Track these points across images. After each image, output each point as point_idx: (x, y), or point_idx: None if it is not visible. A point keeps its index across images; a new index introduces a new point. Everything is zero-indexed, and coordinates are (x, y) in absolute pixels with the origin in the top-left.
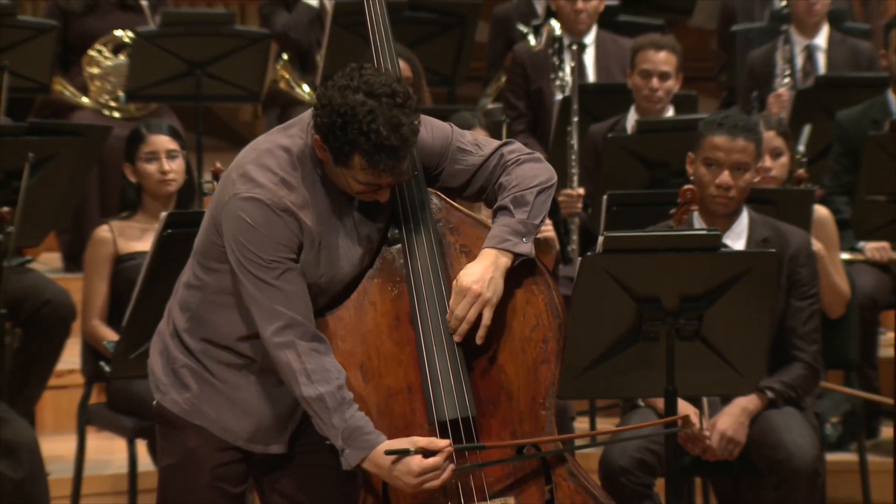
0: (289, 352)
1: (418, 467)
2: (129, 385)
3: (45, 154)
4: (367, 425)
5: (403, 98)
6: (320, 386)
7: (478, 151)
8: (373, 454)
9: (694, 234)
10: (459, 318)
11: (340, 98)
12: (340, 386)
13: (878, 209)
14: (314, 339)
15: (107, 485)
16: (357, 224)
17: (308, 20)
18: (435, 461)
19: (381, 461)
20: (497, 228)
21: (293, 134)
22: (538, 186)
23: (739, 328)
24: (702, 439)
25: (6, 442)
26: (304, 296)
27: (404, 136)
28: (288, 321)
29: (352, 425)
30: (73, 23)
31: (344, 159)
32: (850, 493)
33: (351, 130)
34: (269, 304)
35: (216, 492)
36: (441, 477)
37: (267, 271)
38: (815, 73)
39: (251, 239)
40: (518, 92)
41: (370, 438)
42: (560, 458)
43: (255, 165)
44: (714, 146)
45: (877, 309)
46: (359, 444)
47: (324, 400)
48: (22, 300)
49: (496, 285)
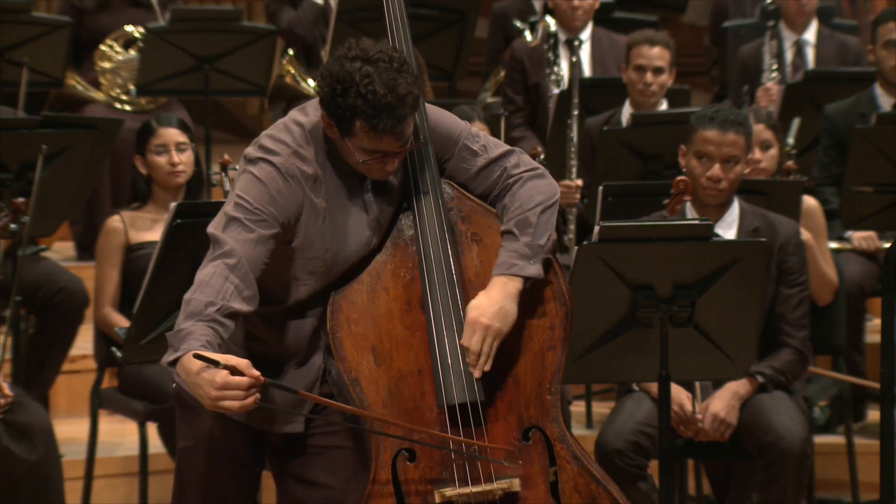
0: (208, 268)
1: (222, 380)
2: (140, 370)
3: (59, 146)
4: (201, 337)
5: (400, 62)
6: (197, 294)
7: (483, 154)
8: (185, 357)
9: (686, 224)
10: (476, 353)
11: (339, 67)
12: (212, 303)
13: (865, 199)
14: (242, 279)
15: (118, 466)
16: (367, 205)
17: (313, 16)
18: (239, 380)
19: (190, 365)
20: (504, 255)
21: (308, 112)
22: (541, 206)
23: (731, 315)
24: (694, 422)
25: (21, 425)
26: (260, 248)
27: (401, 95)
28: (229, 250)
29: (188, 330)
30: (86, 19)
31: (347, 126)
32: (837, 474)
33: (350, 95)
34: (223, 236)
35: (232, 473)
36: (241, 401)
37: (246, 213)
38: (804, 67)
39: (251, 189)
40: (516, 86)
41: (193, 343)
42: (563, 441)
43: (270, 138)
44: (705, 140)
45: (863, 296)
46: (179, 346)
47: (189, 304)
48: (36, 288)
49: (506, 314)
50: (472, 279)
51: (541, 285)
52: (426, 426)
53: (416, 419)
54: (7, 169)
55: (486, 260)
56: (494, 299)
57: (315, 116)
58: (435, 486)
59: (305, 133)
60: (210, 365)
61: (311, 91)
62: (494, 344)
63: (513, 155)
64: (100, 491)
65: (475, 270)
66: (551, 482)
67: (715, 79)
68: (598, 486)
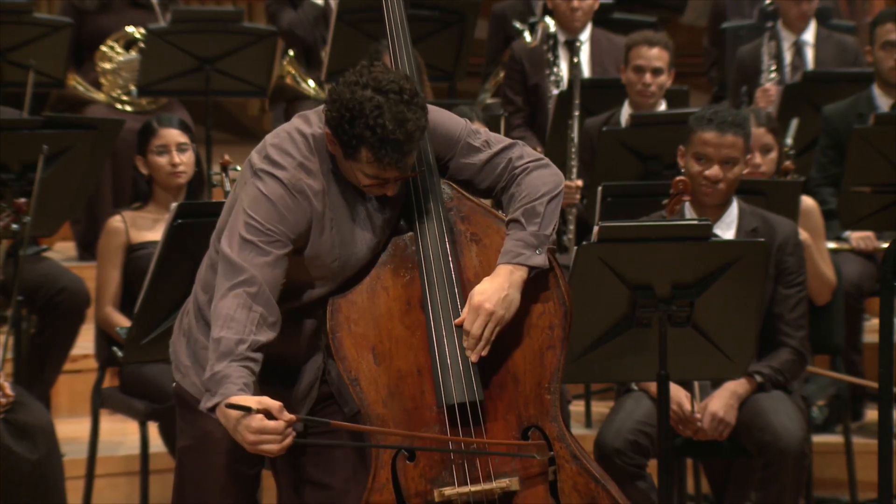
0: (230, 300)
1: (257, 426)
2: (140, 369)
3: (60, 147)
4: (238, 380)
5: (411, 95)
6: (225, 331)
7: (486, 149)
8: (223, 403)
9: (685, 224)
10: (476, 338)
11: (349, 94)
12: (243, 341)
13: (863, 200)
14: (265, 305)
15: (119, 465)
16: (371, 213)
17: (313, 17)
18: (274, 425)
19: (228, 412)
20: (510, 243)
21: (312, 122)
22: (548, 196)
23: (729, 315)
24: (693, 421)
25: (23, 424)
26: (278, 272)
27: (409, 132)
28: (249, 277)
29: (224, 373)
30: (87, 20)
31: (352, 152)
32: (835, 473)
33: (358, 125)
34: (239, 261)
35: (231, 472)
36: (280, 443)
37: (259, 234)
38: (803, 67)
39: (259, 208)
40: (516, 87)
41: (228, 389)
42: (563, 440)
43: (276, 149)
44: (704, 141)
45: (861, 296)
46: (217, 391)
47: (219, 343)
48: (38, 287)
49: (510, 302)
50: (471, 279)
51: (541, 285)
52: (426, 425)
53: (415, 418)
54: (9, 169)
55: (485, 260)
56: (500, 286)
57: (318, 127)
58: (434, 485)
59: (310, 144)
60: (245, 412)
61: (311, 92)
62: (496, 331)
63: (516, 147)
64: (101, 490)
65: (474, 270)
66: (550, 481)
67: (713, 79)
68: (598, 485)
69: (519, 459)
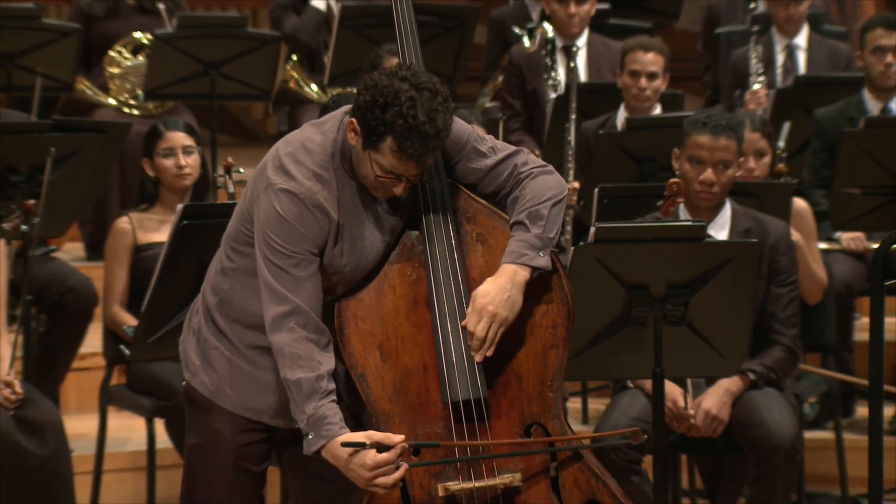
0: (284, 335)
1: (372, 461)
2: (147, 367)
3: (69, 150)
4: (334, 417)
5: (444, 98)
6: (300, 371)
7: (492, 155)
8: (331, 444)
9: (680, 225)
10: (480, 340)
11: (387, 81)
12: (321, 376)
13: (854, 201)
14: (315, 330)
15: (127, 461)
16: (382, 216)
17: (316, 23)
18: (388, 457)
19: (339, 452)
20: (514, 244)
21: (326, 130)
22: (552, 200)
23: (723, 313)
24: (687, 418)
25: (32, 421)
26: (316, 287)
27: (438, 128)
28: (294, 308)
29: (319, 414)
30: (96, 26)
31: (375, 140)
32: (826, 469)
33: (390, 111)
34: (280, 289)
35: (239, 470)
36: (395, 474)
37: (286, 259)
38: (795, 71)
39: (278, 229)
40: (514, 91)
41: (332, 429)
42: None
43: (290, 159)
44: (698, 145)
45: (852, 295)
46: (320, 432)
47: (301, 385)
48: (47, 287)
49: (513, 302)
50: (476, 278)
51: (544, 286)
52: (430, 422)
53: (420, 415)
54: (18, 171)
55: (490, 260)
56: (503, 287)
57: (333, 135)
58: (438, 480)
59: (325, 153)
60: (357, 448)
61: (314, 96)
62: (500, 331)
63: (521, 153)
64: (108, 485)
65: (479, 270)
66: (552, 477)
67: (707, 83)
68: (598, 481)
69: (522, 456)
